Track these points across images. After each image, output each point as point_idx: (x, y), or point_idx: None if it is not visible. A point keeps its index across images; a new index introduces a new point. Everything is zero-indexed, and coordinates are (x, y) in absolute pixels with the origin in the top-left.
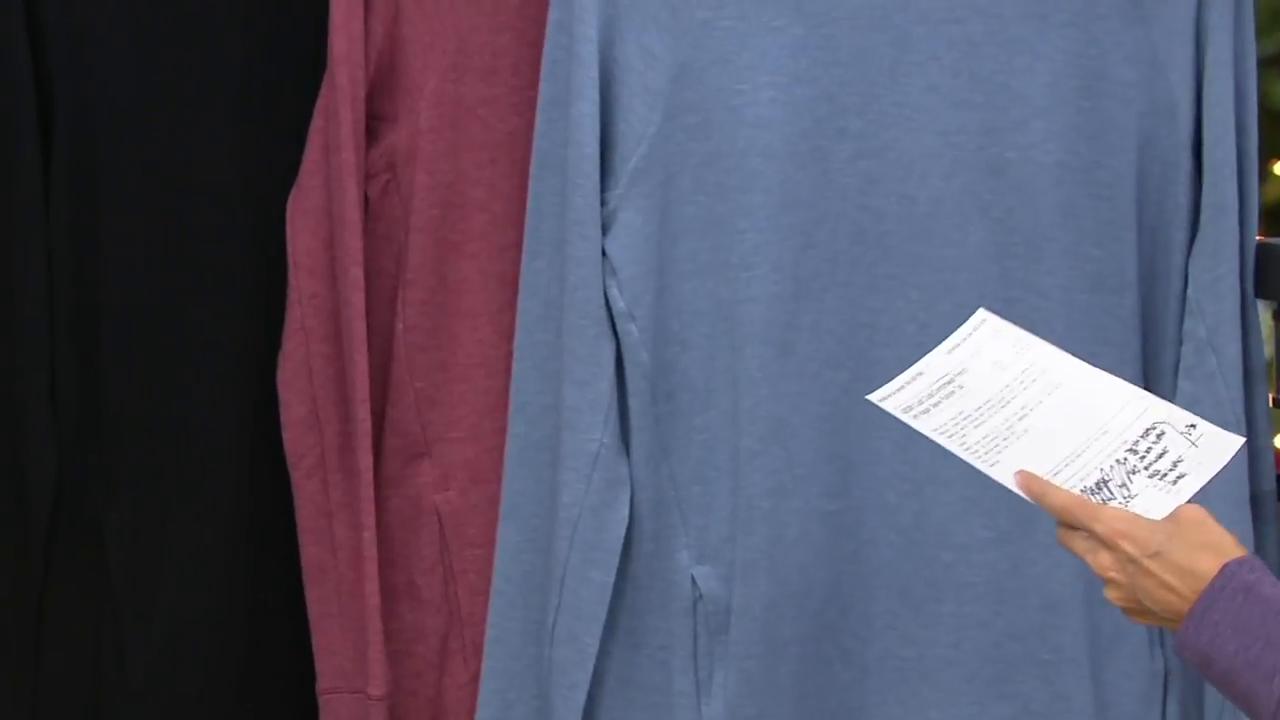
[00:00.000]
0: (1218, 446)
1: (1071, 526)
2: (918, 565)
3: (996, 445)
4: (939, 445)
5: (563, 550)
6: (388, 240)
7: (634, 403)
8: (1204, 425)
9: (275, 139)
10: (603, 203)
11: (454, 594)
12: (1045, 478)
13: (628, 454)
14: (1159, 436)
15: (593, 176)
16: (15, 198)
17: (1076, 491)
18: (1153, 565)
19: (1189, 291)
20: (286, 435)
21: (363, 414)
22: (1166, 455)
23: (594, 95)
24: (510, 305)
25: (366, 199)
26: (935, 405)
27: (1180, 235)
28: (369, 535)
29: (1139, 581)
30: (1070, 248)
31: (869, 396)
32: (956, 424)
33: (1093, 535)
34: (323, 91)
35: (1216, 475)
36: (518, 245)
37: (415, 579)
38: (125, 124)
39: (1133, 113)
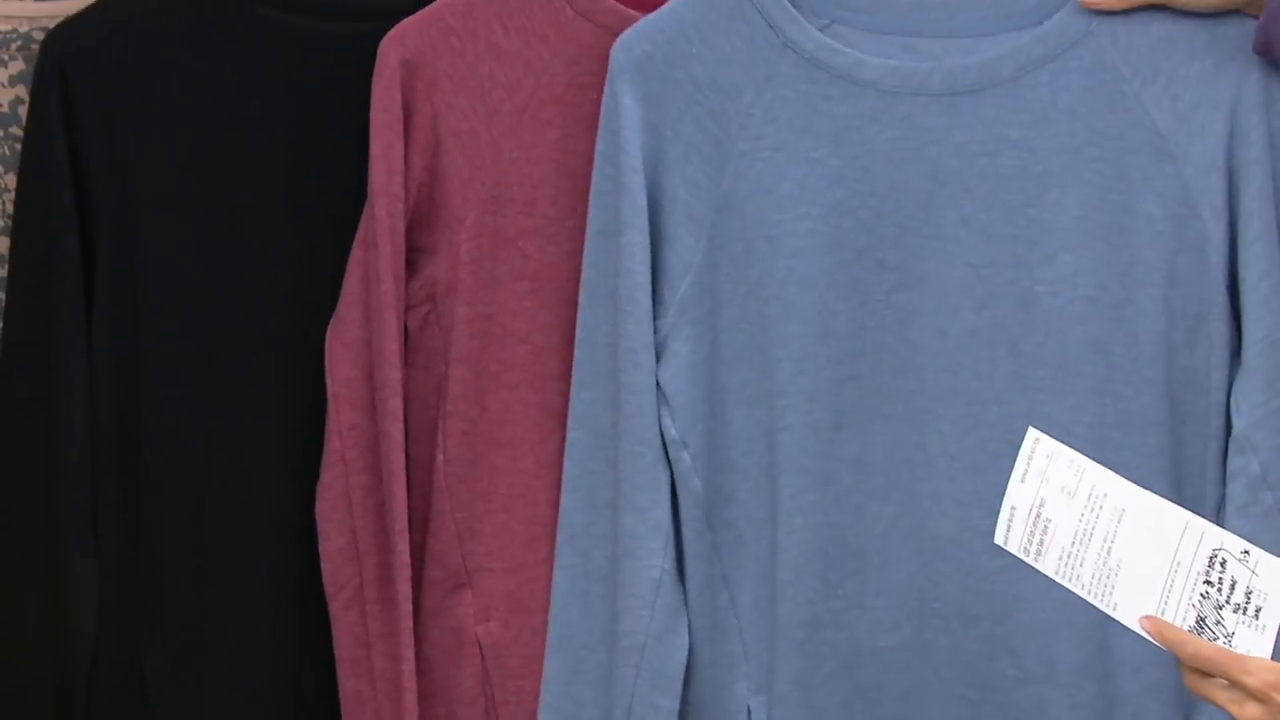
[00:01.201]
0: (1275, 573)
1: (1205, 673)
2: (978, 709)
3: (1105, 584)
4: (999, 583)
5: (628, 678)
6: (427, 371)
7: (688, 530)
8: (1256, 551)
9: (315, 270)
10: (655, 330)
11: None
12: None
13: (685, 581)
14: (1223, 565)
15: (644, 305)
16: (57, 333)
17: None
18: None
19: (1237, 429)
20: (325, 566)
21: (401, 545)
22: (1238, 586)
23: (643, 224)
24: (551, 435)
25: (406, 330)
26: (1042, 546)
27: (1219, 374)
28: (408, 667)
29: None
30: (1099, 384)
31: (996, 540)
32: (1066, 564)
33: (1239, 686)
34: (362, 223)
35: None
36: (558, 375)
37: (457, 711)
38: (166, 255)
39: (1163, 249)
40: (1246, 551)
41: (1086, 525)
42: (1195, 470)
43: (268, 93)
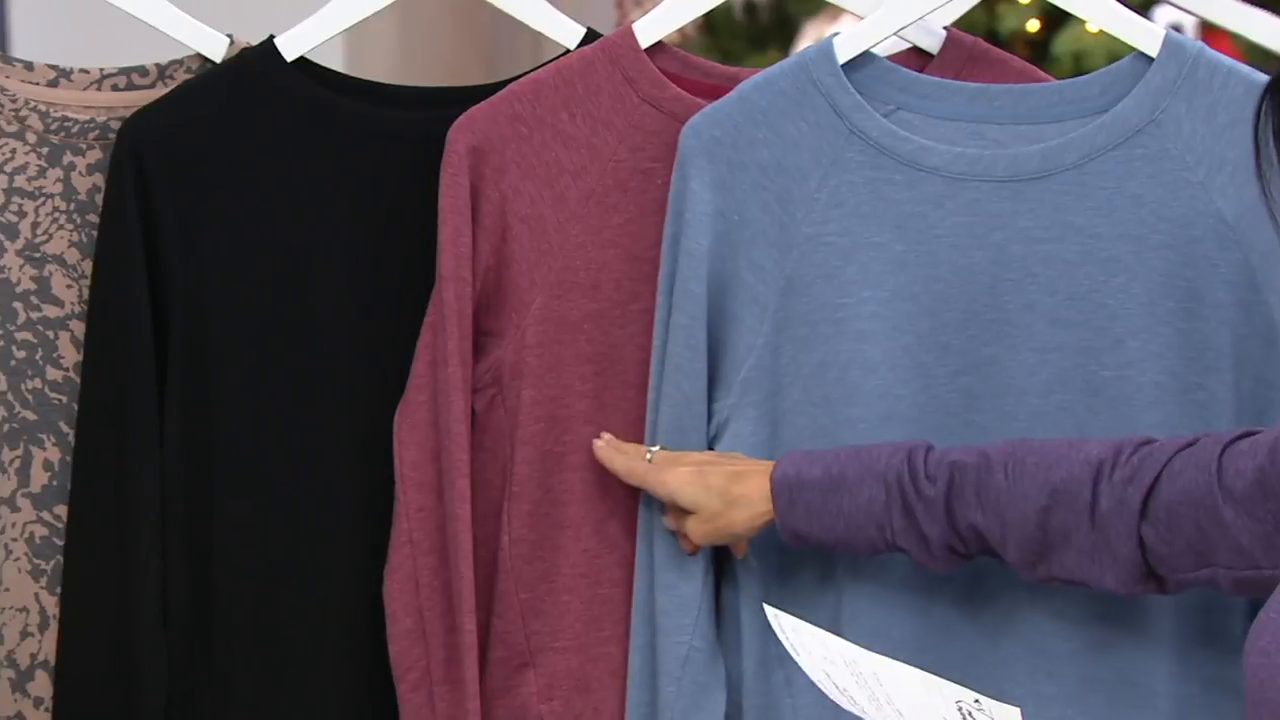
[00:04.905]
0: (1006, 715)
1: None
2: None
3: None
4: (1068, 664)
5: None
6: (494, 454)
7: (744, 609)
8: (986, 700)
9: (384, 354)
10: (714, 412)
11: None
12: None
13: (739, 658)
14: (969, 716)
15: (684, 388)
16: (131, 416)
17: None
18: None
19: None
20: (393, 648)
21: (469, 626)
22: None
23: (694, 309)
24: (614, 515)
25: (473, 413)
26: (856, 701)
27: None
28: None
29: None
30: None
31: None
32: (882, 714)
33: None
34: (430, 307)
35: None
36: None
37: None
38: (237, 341)
39: (1230, 335)
40: (977, 700)
41: (873, 691)
42: None
43: (338, 180)
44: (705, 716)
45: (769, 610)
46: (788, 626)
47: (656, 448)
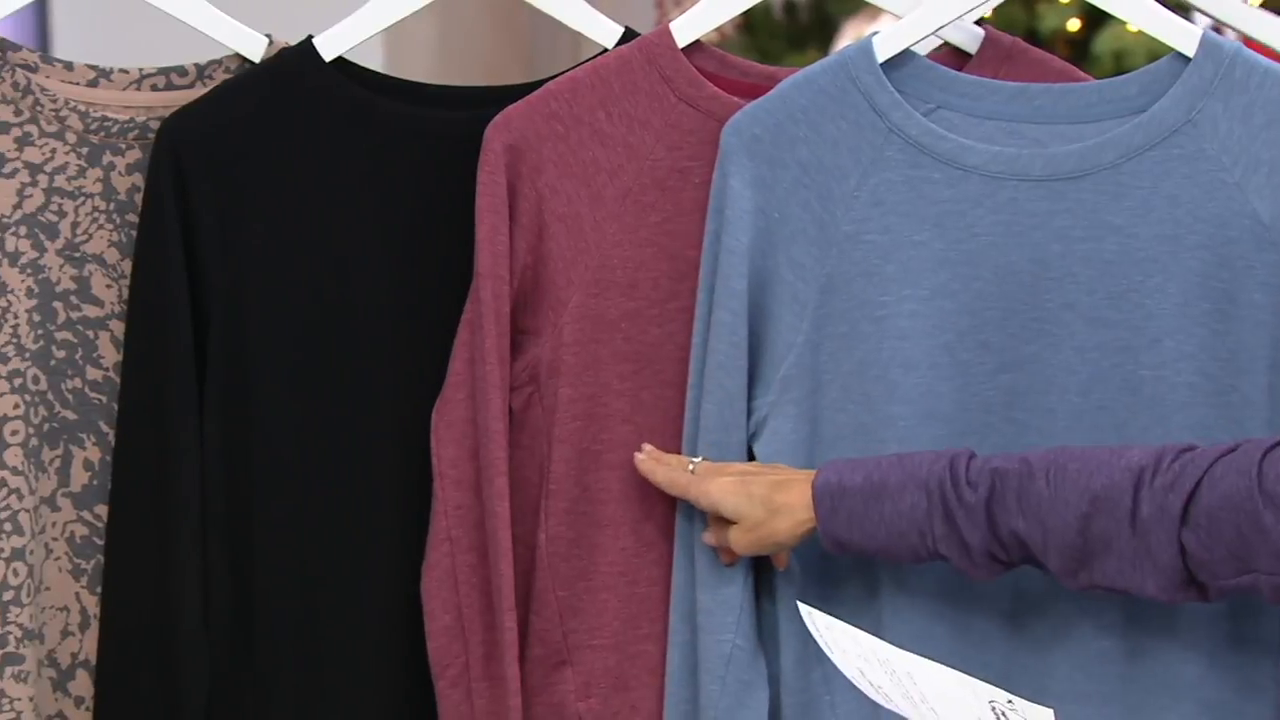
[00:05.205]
0: (1038, 715)
1: None
2: None
3: None
4: (1105, 662)
5: None
6: (531, 451)
7: (782, 608)
8: (1019, 701)
9: (422, 352)
10: (753, 410)
11: None
12: None
13: (777, 656)
14: (1002, 716)
15: (725, 385)
16: (170, 415)
17: None
18: None
19: None
20: (431, 645)
21: (509, 623)
22: None
23: (735, 306)
24: (651, 514)
25: (511, 411)
26: (890, 698)
27: None
28: None
29: None
30: None
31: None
32: (917, 711)
33: None
34: (468, 306)
35: None
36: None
37: None
38: (276, 338)
39: (1265, 337)
40: (1010, 700)
41: (908, 690)
42: None
43: (376, 180)
44: (749, 714)
45: (803, 608)
46: (821, 624)
47: (699, 459)
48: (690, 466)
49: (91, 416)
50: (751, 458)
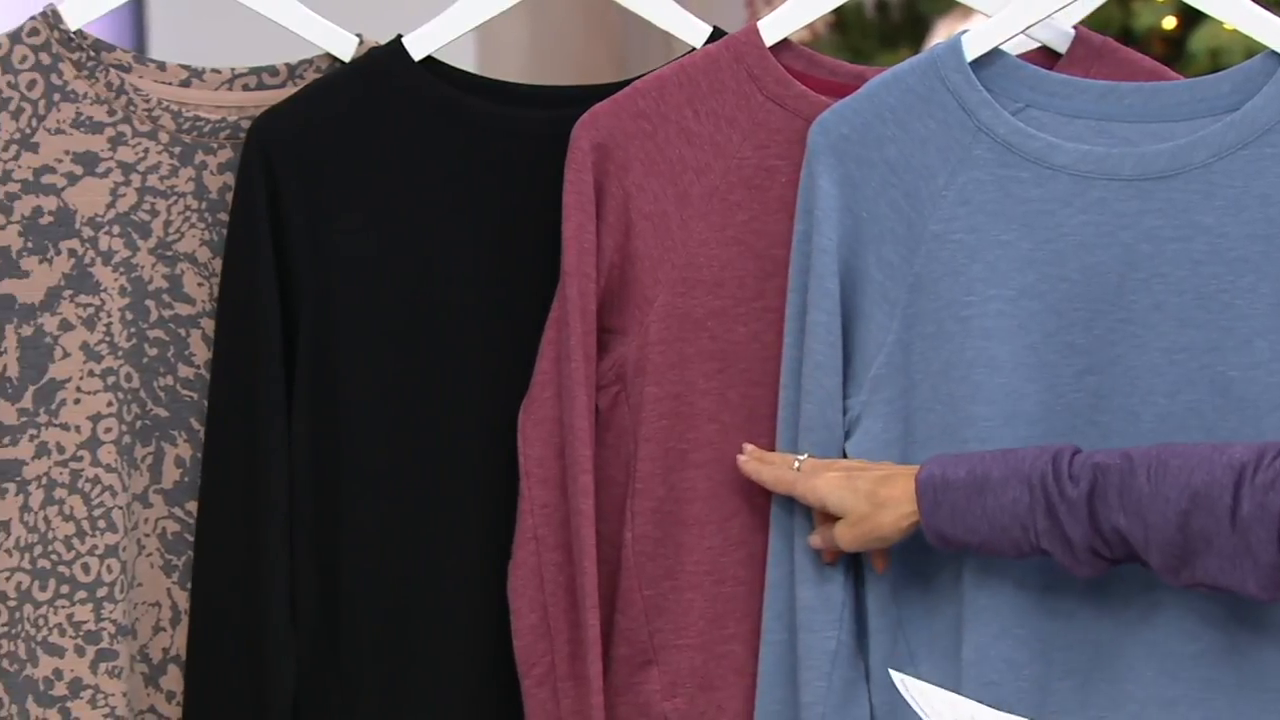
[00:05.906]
0: None
1: None
2: None
3: None
4: (1192, 667)
5: None
6: (617, 450)
7: (872, 605)
8: None
9: (510, 350)
10: (845, 409)
11: None
12: None
13: (866, 655)
14: None
15: (824, 384)
16: (260, 415)
17: None
18: None
19: None
20: (517, 644)
21: (593, 621)
22: None
23: (829, 306)
24: (738, 513)
25: (597, 409)
26: None
27: None
28: None
29: None
30: None
31: None
32: None
33: None
34: (555, 304)
35: None
36: None
37: None
38: (366, 338)
39: None
40: None
41: None
42: None
43: (465, 179)
44: (857, 710)
45: (895, 675)
46: (914, 690)
47: (804, 456)
48: (795, 464)
49: (183, 414)
50: (844, 456)
